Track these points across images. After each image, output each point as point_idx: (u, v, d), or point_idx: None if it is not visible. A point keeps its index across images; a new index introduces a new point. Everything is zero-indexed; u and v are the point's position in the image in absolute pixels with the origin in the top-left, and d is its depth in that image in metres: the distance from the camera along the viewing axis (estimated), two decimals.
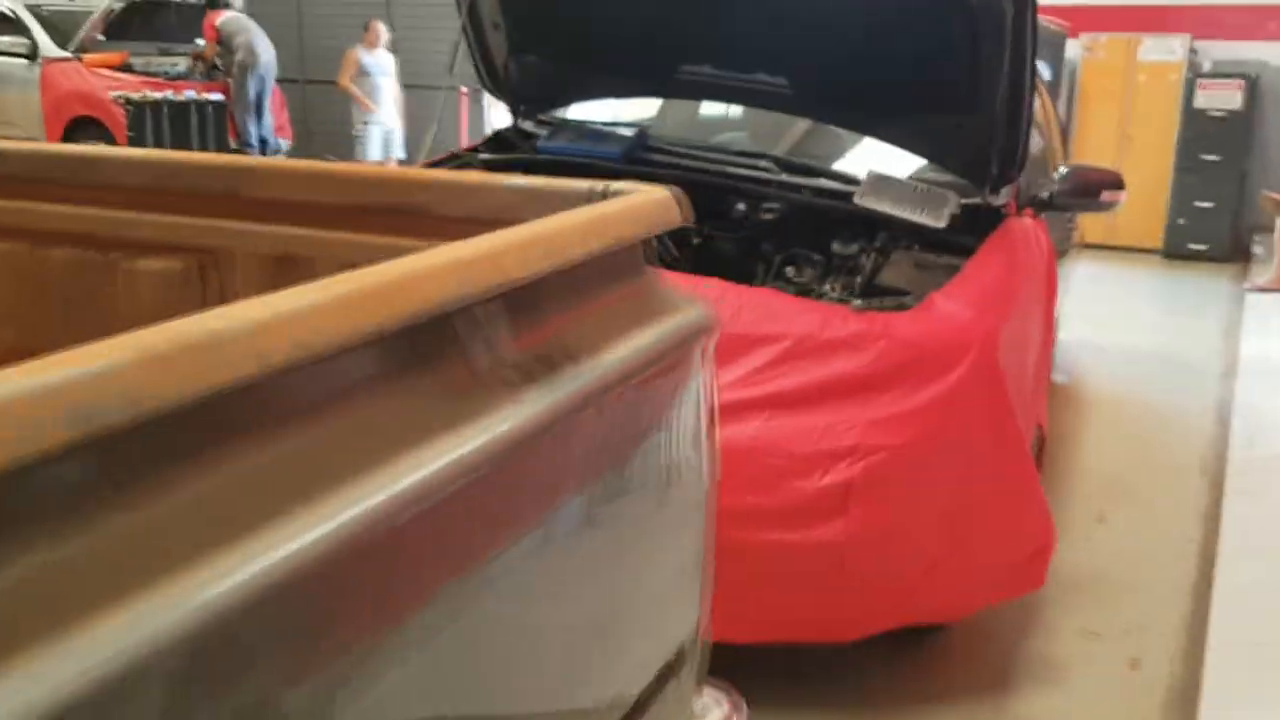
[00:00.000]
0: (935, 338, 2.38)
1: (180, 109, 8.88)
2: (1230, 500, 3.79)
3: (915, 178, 3.14)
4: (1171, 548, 3.56)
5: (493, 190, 1.35)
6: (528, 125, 3.46)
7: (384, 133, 8.83)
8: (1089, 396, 5.15)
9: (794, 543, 2.26)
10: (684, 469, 1.28)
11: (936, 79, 2.80)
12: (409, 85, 8.97)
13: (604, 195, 1.21)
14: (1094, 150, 8.35)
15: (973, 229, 2.88)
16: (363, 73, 8.68)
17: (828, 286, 2.70)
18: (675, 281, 1.29)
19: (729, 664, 1.69)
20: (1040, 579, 2.56)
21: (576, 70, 3.30)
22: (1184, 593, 3.24)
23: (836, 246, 2.98)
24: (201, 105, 8.91)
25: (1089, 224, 5.90)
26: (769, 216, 3.06)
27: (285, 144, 10.67)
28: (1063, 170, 3.30)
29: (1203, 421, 4.69)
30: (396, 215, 1.37)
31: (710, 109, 3.78)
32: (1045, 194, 3.24)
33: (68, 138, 9.89)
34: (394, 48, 9.04)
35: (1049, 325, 3.14)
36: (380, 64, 8.77)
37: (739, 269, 3.15)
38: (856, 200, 2.92)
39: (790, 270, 2.85)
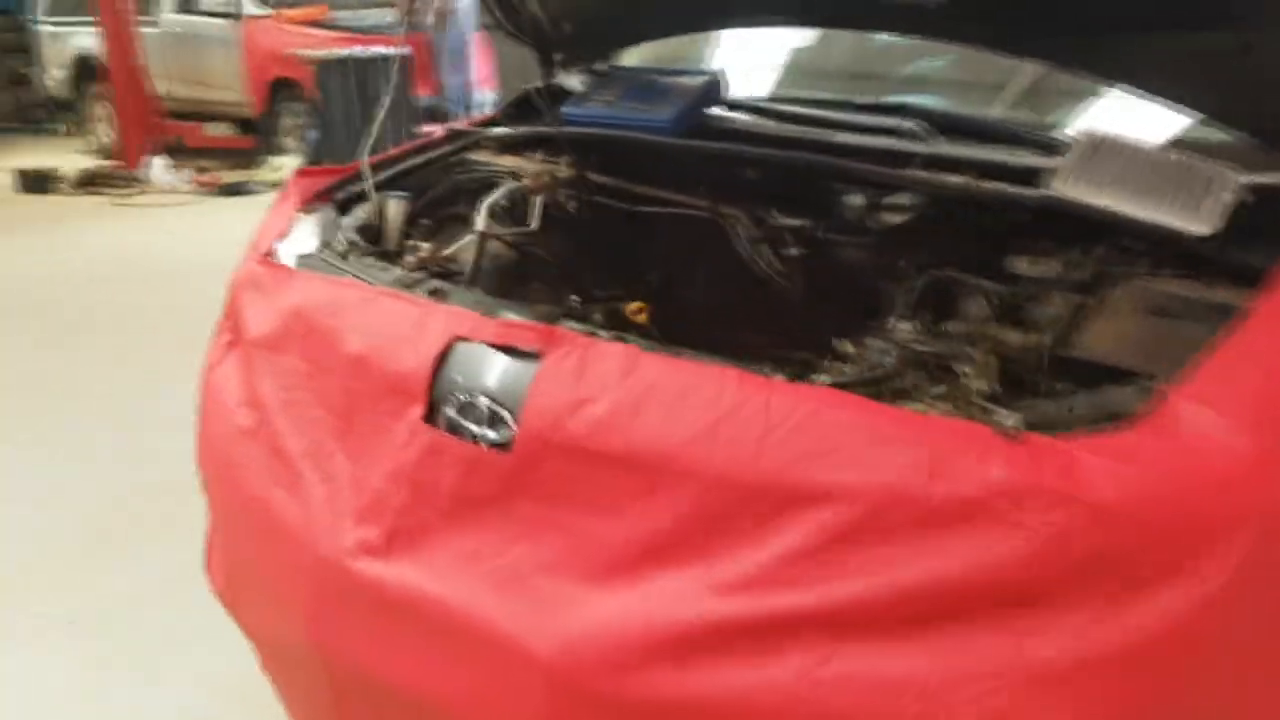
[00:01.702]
0: (1171, 500, 1.16)
1: (364, 65, 8.37)
2: None
3: (1172, 141, 1.85)
4: None
5: None
6: (571, 80, 2.40)
7: None
8: None
9: None
10: None
11: None
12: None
13: None
14: None
15: (1269, 235, 1.59)
16: None
17: (966, 369, 1.47)
18: None
19: None
20: None
21: None
22: None
23: (1021, 266, 1.76)
24: (386, 61, 8.35)
25: None
26: (899, 218, 1.86)
27: (490, 96, 10.03)
28: None
29: None
30: None
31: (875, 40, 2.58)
32: None
33: (273, 99, 9.69)
34: None
35: None
36: None
37: (865, 296, 1.99)
38: (1054, 187, 1.68)
39: (907, 328, 1.64)
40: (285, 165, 9.35)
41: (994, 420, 1.25)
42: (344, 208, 2.01)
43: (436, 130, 2.41)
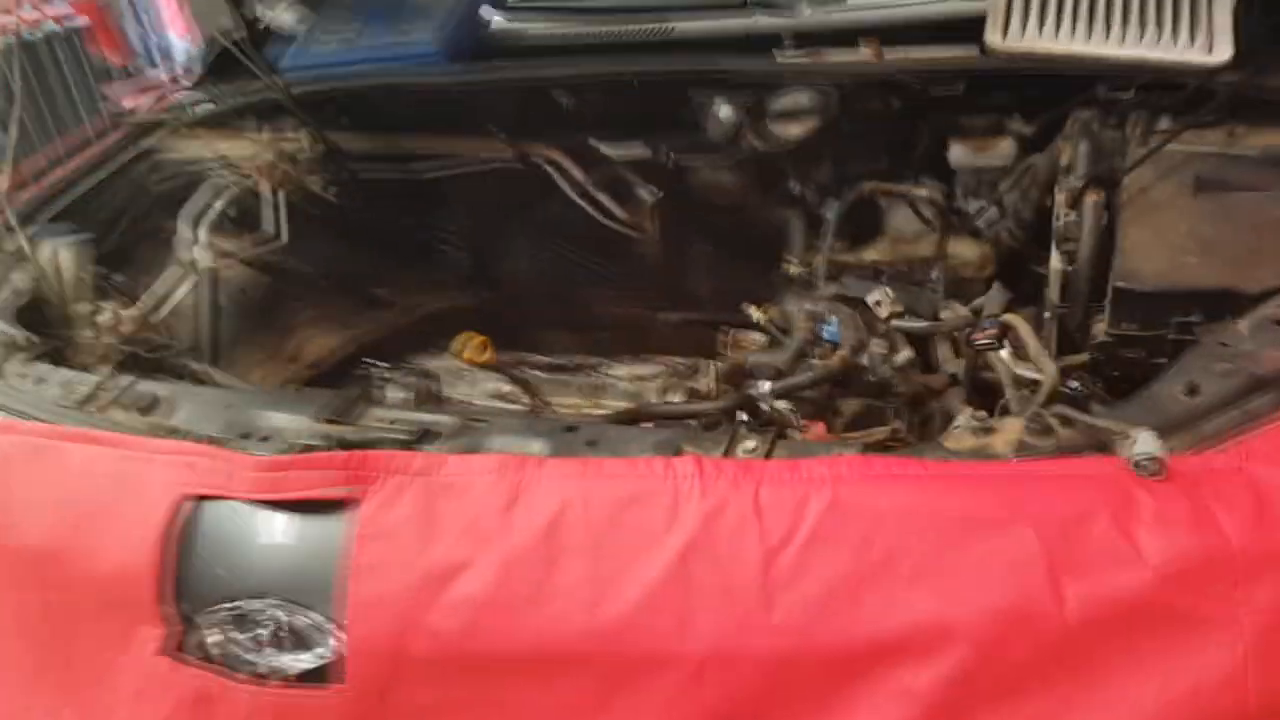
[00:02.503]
0: None
1: (33, 48, 7.06)
2: None
3: None
4: None
5: None
6: (281, 15, 1.73)
7: None
8: None
9: None
10: None
11: None
12: None
13: None
14: None
15: None
16: None
17: (1003, 355, 0.96)
18: None
19: None
20: None
21: None
22: None
23: (958, 156, 1.30)
24: (51, 38, 7.09)
25: None
26: (797, 130, 1.33)
27: (188, 49, 8.80)
28: None
29: None
30: None
31: None
32: None
33: None
34: None
35: None
36: None
37: (759, 234, 1.49)
38: (991, 42, 1.22)
39: (876, 295, 1.10)
40: None
41: (1116, 446, 0.76)
42: None
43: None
